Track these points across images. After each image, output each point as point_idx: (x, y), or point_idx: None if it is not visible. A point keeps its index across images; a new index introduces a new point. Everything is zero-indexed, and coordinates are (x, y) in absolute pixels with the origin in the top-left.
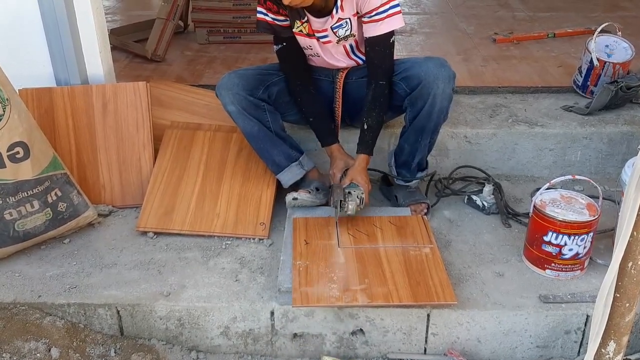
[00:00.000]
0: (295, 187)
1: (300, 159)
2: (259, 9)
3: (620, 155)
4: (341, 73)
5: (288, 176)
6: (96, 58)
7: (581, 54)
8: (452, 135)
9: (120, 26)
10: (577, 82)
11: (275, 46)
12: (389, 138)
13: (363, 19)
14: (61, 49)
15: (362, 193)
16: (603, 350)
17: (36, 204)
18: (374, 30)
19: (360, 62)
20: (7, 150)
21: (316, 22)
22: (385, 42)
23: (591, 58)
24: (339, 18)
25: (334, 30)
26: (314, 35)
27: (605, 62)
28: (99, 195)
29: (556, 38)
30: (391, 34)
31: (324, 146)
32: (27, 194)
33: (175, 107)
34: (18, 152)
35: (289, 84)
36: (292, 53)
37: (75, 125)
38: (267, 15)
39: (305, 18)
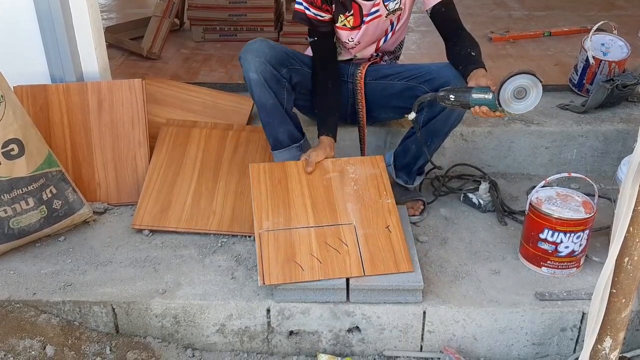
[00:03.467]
0: None
1: (302, 142)
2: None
3: (616, 153)
4: (360, 74)
5: (286, 156)
6: (91, 55)
7: (577, 52)
8: None
9: (116, 24)
10: (573, 81)
11: (309, 37)
12: (386, 135)
13: None
14: (56, 46)
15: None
16: (599, 346)
17: (31, 201)
18: None
19: (388, 39)
20: (2, 147)
21: (366, 4)
22: (450, 2)
23: (587, 56)
24: None
25: (385, 4)
26: (359, 25)
27: (601, 61)
28: (94, 192)
29: (552, 37)
30: None
31: (321, 135)
32: (22, 191)
33: (171, 105)
34: (13, 149)
35: (313, 74)
36: (324, 48)
37: (70, 122)
38: (308, 9)
39: (351, 12)
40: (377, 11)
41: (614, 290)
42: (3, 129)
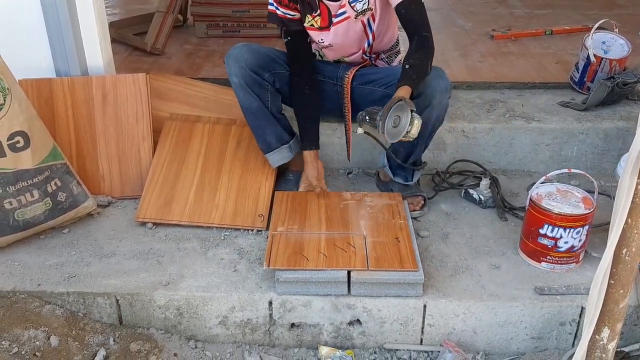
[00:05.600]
0: (286, 172)
1: (291, 142)
2: (270, 0)
3: (616, 150)
4: (347, 77)
5: (277, 157)
6: (96, 49)
7: (578, 50)
8: (449, 130)
9: (120, 19)
10: (574, 78)
11: (283, 38)
12: None
13: None
14: (61, 40)
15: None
16: (597, 336)
17: (36, 193)
18: None
19: (371, 42)
20: (8, 140)
21: (333, 5)
22: (416, 1)
23: (588, 54)
24: None
25: (352, 5)
26: (328, 26)
27: (602, 59)
28: (98, 186)
29: (553, 35)
30: None
31: (303, 149)
32: (27, 183)
33: (174, 100)
34: (18, 142)
35: (290, 76)
36: (298, 48)
37: (74, 116)
38: (277, 8)
39: (318, 12)
40: (344, 13)
41: (612, 281)
42: (9, 121)
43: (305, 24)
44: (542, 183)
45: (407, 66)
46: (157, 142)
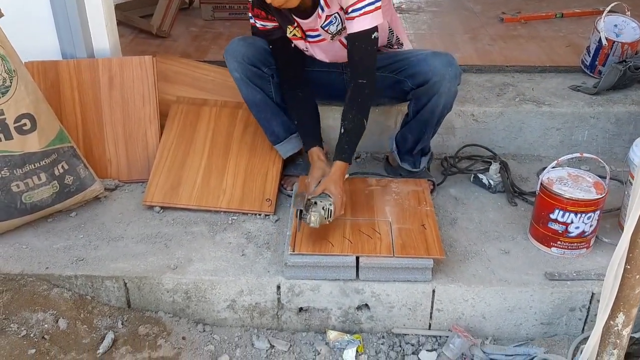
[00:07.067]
0: (295, 156)
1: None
2: (249, 14)
3: (628, 135)
4: None
5: (287, 147)
6: (102, 31)
7: (589, 34)
8: (459, 114)
9: (126, 1)
10: (585, 62)
11: (269, 46)
12: (396, 115)
13: (346, 15)
14: (67, 22)
15: (331, 205)
16: (612, 322)
17: (43, 176)
18: (351, 26)
19: None
20: (14, 122)
21: (305, 24)
22: (364, 38)
23: (599, 37)
24: (326, 15)
25: (325, 29)
26: (305, 38)
27: (613, 42)
28: (105, 169)
29: (564, 18)
30: (370, 31)
31: (306, 149)
32: (34, 166)
33: (181, 83)
34: (25, 124)
35: (281, 83)
36: (283, 52)
37: (81, 99)
38: (256, 22)
39: (295, 23)
40: (318, 35)
41: (628, 266)
42: (15, 104)
43: (288, 35)
44: (553, 167)
45: (342, 130)
46: (163, 126)
